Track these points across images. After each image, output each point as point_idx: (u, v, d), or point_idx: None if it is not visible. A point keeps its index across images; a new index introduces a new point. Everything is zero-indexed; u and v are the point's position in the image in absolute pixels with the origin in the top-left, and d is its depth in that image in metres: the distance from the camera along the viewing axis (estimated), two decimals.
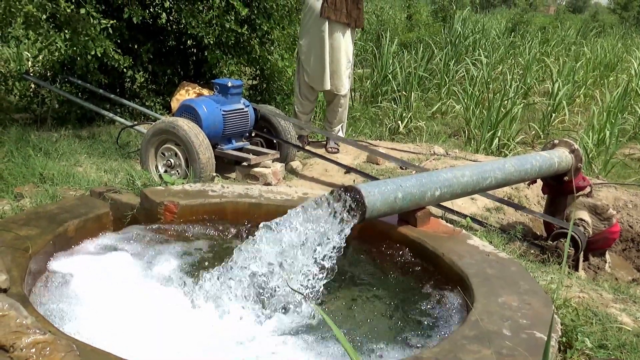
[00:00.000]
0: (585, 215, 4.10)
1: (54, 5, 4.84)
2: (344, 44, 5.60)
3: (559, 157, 4.05)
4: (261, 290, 2.49)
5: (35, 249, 2.51)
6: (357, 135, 7.18)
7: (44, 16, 5.24)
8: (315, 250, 2.54)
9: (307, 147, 5.63)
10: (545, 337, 2.10)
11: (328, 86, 5.63)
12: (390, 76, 9.08)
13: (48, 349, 1.78)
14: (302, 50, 5.74)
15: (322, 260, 2.53)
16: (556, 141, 4.27)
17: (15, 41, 5.86)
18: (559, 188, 4.22)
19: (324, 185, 4.93)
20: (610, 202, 4.81)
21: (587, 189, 4.24)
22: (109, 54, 5.36)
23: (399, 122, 7.75)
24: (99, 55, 5.32)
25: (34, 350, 1.77)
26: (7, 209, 3.34)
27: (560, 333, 2.24)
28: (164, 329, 2.24)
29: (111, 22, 5.32)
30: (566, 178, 4.16)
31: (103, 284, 2.51)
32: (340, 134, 6.04)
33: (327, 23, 5.46)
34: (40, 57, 6.97)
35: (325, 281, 2.53)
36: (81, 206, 3.07)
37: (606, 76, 11.74)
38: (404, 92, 8.73)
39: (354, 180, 4.91)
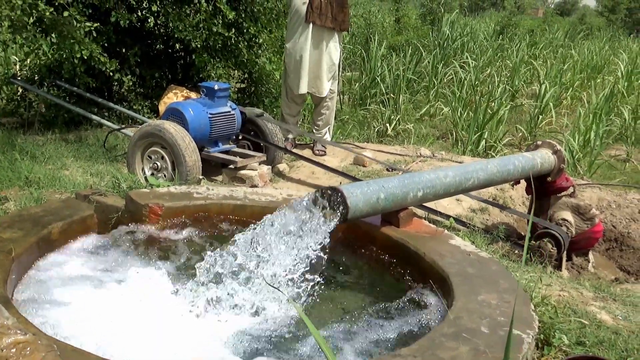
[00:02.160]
0: (568, 215, 4.14)
1: (37, 10, 4.84)
2: (328, 48, 5.65)
3: (542, 158, 4.09)
4: (242, 290, 2.51)
5: (18, 251, 2.52)
6: (345, 137, 7.20)
7: (31, 20, 5.24)
8: (297, 251, 2.56)
9: (294, 150, 5.65)
10: (524, 334, 2.14)
11: (304, 90, 5.69)
12: (378, 79, 9.12)
13: (29, 349, 1.79)
14: (287, 53, 5.78)
15: (304, 260, 2.55)
16: (539, 142, 4.31)
17: (2, 45, 5.85)
18: (543, 188, 4.25)
19: (310, 187, 4.94)
20: (594, 203, 4.85)
21: (570, 189, 4.28)
22: (95, 57, 5.36)
23: (387, 124, 7.78)
24: (85, 58, 5.32)
25: (14, 350, 1.78)
26: None
27: (537, 330, 2.26)
28: (145, 328, 2.25)
29: (95, 25, 5.32)
30: (549, 179, 4.20)
31: (86, 286, 2.52)
32: (327, 136, 6.06)
33: (311, 27, 5.50)
34: (28, 60, 6.97)
35: (308, 281, 2.55)
36: (66, 209, 3.07)
37: (593, 78, 11.83)
38: (392, 95, 8.77)
39: (340, 182, 4.93)
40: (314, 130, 6.02)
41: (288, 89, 5.84)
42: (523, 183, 4.40)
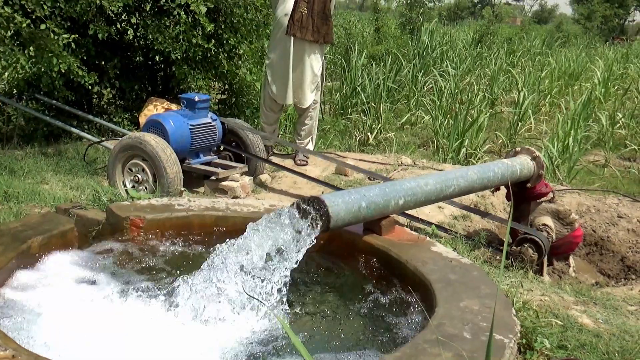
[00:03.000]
0: (548, 220, 4.18)
1: (14, 24, 4.81)
2: (309, 60, 5.67)
3: (521, 164, 4.13)
4: (223, 300, 2.50)
5: None
6: (327, 147, 7.22)
7: (8, 33, 5.21)
8: (279, 260, 2.56)
9: (276, 161, 5.66)
10: (506, 339, 2.15)
11: (290, 101, 5.73)
12: (359, 88, 9.17)
13: None
14: (269, 63, 5.80)
15: (286, 269, 2.55)
16: (518, 149, 4.35)
17: None
18: (522, 194, 4.29)
19: (292, 197, 4.95)
20: (574, 208, 4.90)
21: (550, 195, 4.31)
22: (74, 71, 5.33)
23: (369, 133, 7.81)
24: (64, 71, 5.29)
25: None
26: None
27: (519, 335, 2.27)
28: (122, 340, 2.23)
29: (72, 37, 5.29)
30: (529, 184, 4.23)
31: (65, 299, 2.49)
32: (310, 146, 6.08)
33: (292, 40, 5.53)
34: (6, 74, 6.91)
35: (286, 292, 2.55)
36: (45, 223, 3.04)
37: (570, 85, 11.97)
38: (373, 104, 8.82)
39: (322, 192, 4.94)
40: (297, 140, 6.04)
41: (267, 98, 5.85)
42: (503, 189, 4.44)
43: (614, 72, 13.19)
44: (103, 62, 6.49)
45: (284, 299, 2.55)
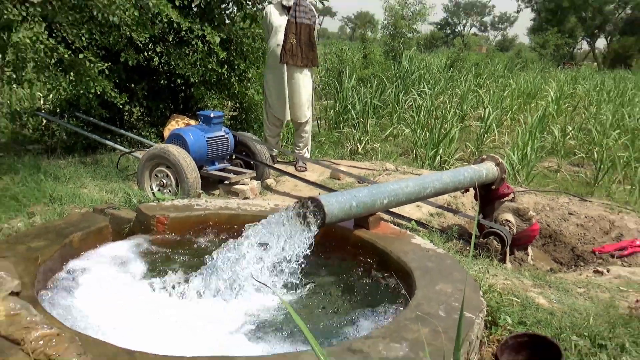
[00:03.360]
0: (510, 216, 4.20)
1: (57, 53, 4.83)
2: (302, 81, 5.73)
3: (487, 170, 4.15)
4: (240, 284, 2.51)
5: (43, 258, 2.50)
6: (322, 155, 7.23)
7: (52, 61, 5.22)
8: (286, 250, 2.58)
9: (279, 167, 5.66)
10: (474, 316, 2.16)
11: (288, 117, 5.79)
12: (349, 106, 9.18)
13: (54, 340, 1.78)
14: (266, 86, 5.87)
15: (290, 259, 2.56)
16: (484, 156, 4.37)
17: (28, 83, 5.81)
18: (488, 195, 4.31)
19: (293, 198, 4.96)
20: (532, 206, 4.93)
21: (511, 195, 4.33)
22: (108, 92, 5.34)
23: (358, 144, 7.83)
24: (99, 93, 5.31)
25: (42, 342, 1.77)
26: (20, 226, 3.30)
27: (485, 313, 2.29)
28: (153, 319, 2.24)
29: (107, 64, 5.31)
30: (494, 187, 4.26)
31: (103, 285, 2.50)
32: (307, 154, 6.09)
33: (285, 67, 5.60)
34: (50, 96, 6.92)
35: (293, 277, 2.56)
36: (84, 221, 3.06)
37: (528, 103, 12.00)
38: (361, 119, 8.83)
39: (319, 193, 4.94)
40: (296, 150, 6.05)
41: (269, 115, 5.90)
42: (472, 191, 4.46)
43: (564, 91, 13.24)
44: (133, 85, 6.50)
45: (290, 283, 2.56)
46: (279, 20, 5.59)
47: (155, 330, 2.15)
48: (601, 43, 48.45)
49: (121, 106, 5.87)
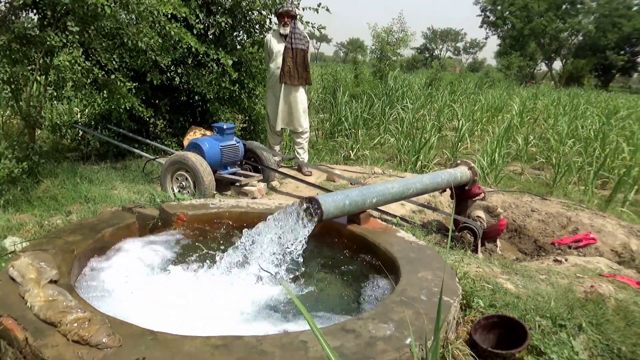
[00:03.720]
0: (481, 213, 4.18)
1: (92, 74, 4.80)
2: (298, 98, 5.74)
3: (461, 173, 4.12)
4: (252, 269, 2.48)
5: (79, 251, 2.46)
6: (320, 161, 7.20)
7: (88, 81, 5.19)
8: (289, 242, 2.54)
9: (283, 170, 5.63)
10: (451, 300, 2.13)
11: (279, 127, 5.81)
12: (343, 118, 9.15)
13: (87, 323, 1.74)
14: (267, 102, 5.89)
15: (293, 250, 2.53)
16: (459, 161, 4.34)
17: (67, 100, 5.79)
18: (462, 194, 4.29)
19: (295, 198, 4.93)
20: (500, 204, 4.91)
21: (482, 195, 4.31)
22: (136, 107, 5.31)
23: (350, 151, 7.80)
24: (128, 108, 5.27)
25: (76, 324, 1.74)
26: (59, 223, 3.27)
27: (461, 297, 2.26)
28: (174, 303, 2.20)
29: (134, 84, 5.28)
30: (467, 187, 4.23)
31: (130, 274, 2.46)
32: (305, 159, 6.06)
33: (283, 85, 5.60)
34: (86, 110, 6.88)
35: (294, 265, 2.53)
36: (115, 218, 3.02)
37: (495, 116, 12.00)
38: (353, 130, 8.81)
39: (317, 193, 4.91)
40: (298, 157, 6.02)
41: (270, 126, 5.90)
42: (448, 191, 4.44)
43: (526, 106, 13.24)
44: (157, 101, 6.46)
45: (291, 271, 2.53)
46: (277, 47, 5.60)
47: (176, 312, 2.12)
48: (557, 65, 48.52)
49: (147, 119, 5.84)
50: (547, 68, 47.74)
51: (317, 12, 6.60)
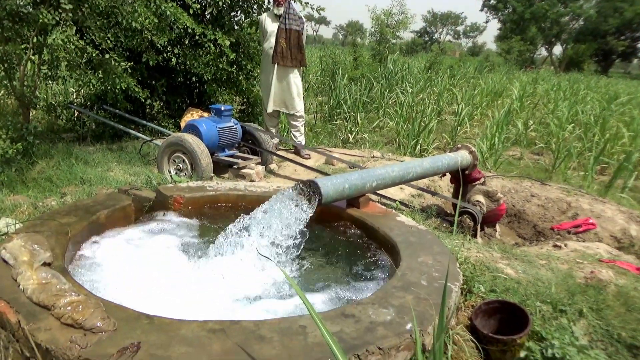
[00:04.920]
0: (481, 198, 4.14)
1: (87, 53, 4.71)
2: (292, 79, 5.66)
3: (461, 157, 4.08)
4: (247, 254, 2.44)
5: (73, 233, 2.42)
6: (318, 144, 7.14)
7: (82, 61, 5.09)
8: (287, 226, 2.50)
9: (281, 153, 5.57)
10: (453, 285, 2.10)
11: (271, 109, 5.73)
12: (342, 102, 9.07)
13: (81, 306, 1.71)
14: (261, 82, 5.83)
15: (292, 235, 2.49)
16: (459, 145, 4.29)
17: (61, 80, 5.69)
18: (462, 179, 4.24)
19: (294, 181, 4.89)
20: (499, 189, 4.87)
21: (482, 179, 4.27)
22: (132, 88, 5.22)
23: (349, 134, 7.74)
24: (124, 89, 5.19)
25: (69, 308, 1.70)
26: (53, 204, 3.22)
27: (461, 282, 2.23)
28: (169, 286, 2.17)
29: (130, 64, 5.19)
30: (467, 172, 4.19)
31: (125, 257, 2.42)
32: (302, 142, 6.00)
33: (276, 66, 5.52)
34: (81, 91, 6.78)
35: (292, 250, 2.49)
36: (110, 200, 2.97)
37: (495, 100, 11.92)
38: (352, 113, 8.73)
39: (315, 177, 4.86)
40: (295, 140, 5.96)
41: (264, 108, 5.83)
42: (448, 175, 4.40)
43: (526, 91, 13.14)
44: (153, 82, 6.36)
45: (289, 255, 2.49)
46: (271, 27, 5.52)
47: (172, 296, 2.09)
48: (557, 49, 48.17)
49: (143, 100, 5.76)
50: (548, 53, 47.42)
51: None
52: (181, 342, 1.57)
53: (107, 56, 4.94)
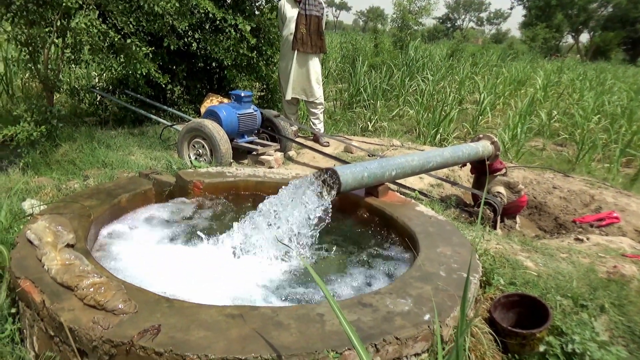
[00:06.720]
0: (501, 189, 4.09)
1: (109, 37, 4.74)
2: (312, 65, 5.59)
3: (483, 147, 4.02)
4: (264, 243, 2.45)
5: (95, 215, 2.46)
6: (337, 131, 7.11)
7: (105, 45, 5.13)
8: (306, 213, 2.51)
9: (300, 140, 5.56)
10: (472, 277, 2.08)
11: (289, 97, 5.67)
12: (362, 89, 9.00)
13: (103, 288, 1.74)
14: (280, 70, 5.76)
15: (310, 222, 2.49)
16: (481, 135, 4.23)
17: (84, 64, 5.75)
18: (483, 169, 4.19)
19: (312, 168, 4.88)
20: (520, 180, 4.80)
21: (503, 170, 4.21)
22: (153, 73, 5.25)
23: (368, 122, 7.68)
24: (145, 74, 5.22)
25: (92, 289, 1.74)
26: (76, 187, 3.28)
27: (481, 274, 2.21)
28: (190, 270, 2.19)
29: (151, 49, 5.21)
30: (488, 162, 4.13)
31: (147, 240, 2.46)
32: (322, 130, 5.98)
33: (296, 53, 5.47)
34: (103, 75, 6.85)
35: (311, 238, 2.50)
36: (131, 184, 3.01)
37: (518, 89, 11.68)
38: (372, 101, 8.66)
39: (334, 165, 4.86)
40: (314, 128, 5.93)
41: (283, 94, 5.80)
42: (468, 165, 4.34)
43: (551, 80, 12.85)
44: (174, 67, 6.39)
45: (308, 243, 2.50)
46: (291, 13, 5.46)
47: (191, 280, 2.11)
48: (584, 37, 47.00)
49: (164, 85, 5.78)
50: (574, 40, 46.18)
51: None
52: (200, 326, 1.60)
53: (128, 41, 4.97)
